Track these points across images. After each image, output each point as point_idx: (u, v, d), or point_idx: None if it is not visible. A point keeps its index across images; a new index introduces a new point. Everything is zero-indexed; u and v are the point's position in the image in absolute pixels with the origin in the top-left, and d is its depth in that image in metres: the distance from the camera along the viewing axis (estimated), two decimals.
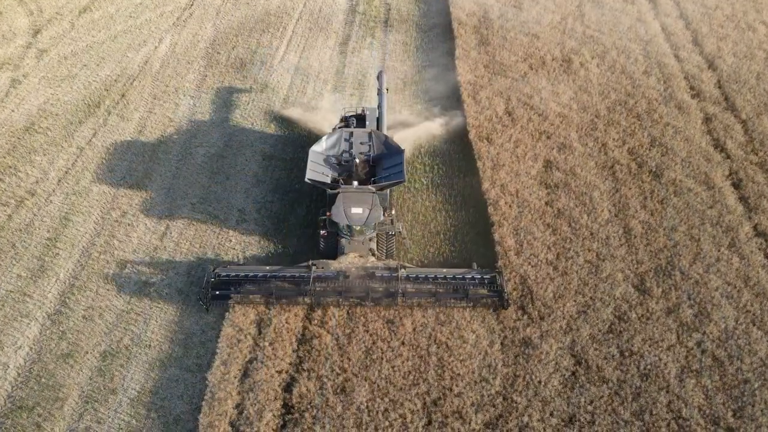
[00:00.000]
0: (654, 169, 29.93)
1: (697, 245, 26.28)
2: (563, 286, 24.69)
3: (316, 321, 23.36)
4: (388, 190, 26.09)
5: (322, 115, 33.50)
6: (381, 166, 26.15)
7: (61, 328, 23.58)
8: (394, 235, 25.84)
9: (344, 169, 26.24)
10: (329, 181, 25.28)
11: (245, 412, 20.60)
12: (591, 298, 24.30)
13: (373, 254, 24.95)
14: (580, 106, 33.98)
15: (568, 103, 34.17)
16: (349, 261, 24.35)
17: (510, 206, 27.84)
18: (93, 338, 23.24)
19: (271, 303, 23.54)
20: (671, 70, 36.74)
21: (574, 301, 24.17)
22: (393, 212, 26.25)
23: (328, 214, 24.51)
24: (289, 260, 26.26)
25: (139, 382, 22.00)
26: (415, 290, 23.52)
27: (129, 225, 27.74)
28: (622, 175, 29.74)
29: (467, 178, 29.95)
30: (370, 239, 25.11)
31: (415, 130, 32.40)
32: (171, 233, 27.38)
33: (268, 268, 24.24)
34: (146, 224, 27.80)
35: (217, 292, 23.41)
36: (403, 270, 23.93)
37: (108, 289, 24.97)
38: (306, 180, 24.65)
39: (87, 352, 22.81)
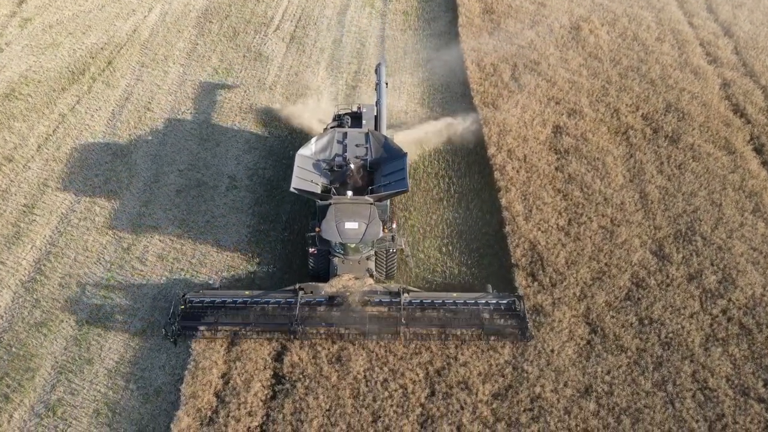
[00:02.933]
0: (670, 134, 28.17)
1: (719, 210, 24.56)
2: (576, 252, 22.99)
3: None
4: (388, 201, 22.17)
5: (317, 86, 31.73)
6: (380, 172, 22.07)
7: (35, 296, 21.89)
8: (396, 252, 21.95)
9: (337, 176, 22.04)
10: (319, 191, 21.29)
11: (232, 381, 18.91)
12: (606, 264, 22.60)
13: (371, 275, 21.29)
14: (590, 72, 32.21)
15: (578, 69, 32.40)
16: (343, 284, 20.66)
17: (518, 171, 26.13)
18: (69, 306, 21.54)
19: (248, 336, 19.88)
20: (685, 37, 34.99)
21: (588, 267, 22.48)
22: (394, 226, 21.88)
23: (317, 229, 20.48)
24: (281, 225, 24.63)
25: (118, 351, 20.32)
26: (420, 318, 20.12)
27: (111, 191, 26.02)
28: (637, 140, 28.01)
29: (471, 145, 28.20)
30: (368, 258, 21.31)
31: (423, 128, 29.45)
32: (157, 199, 25.69)
33: (248, 292, 20.71)
34: (130, 191, 26.10)
35: (187, 323, 19.76)
36: (406, 294, 20.57)
37: (87, 256, 23.27)
38: (291, 189, 20.73)
39: (62, 321, 21.13)
